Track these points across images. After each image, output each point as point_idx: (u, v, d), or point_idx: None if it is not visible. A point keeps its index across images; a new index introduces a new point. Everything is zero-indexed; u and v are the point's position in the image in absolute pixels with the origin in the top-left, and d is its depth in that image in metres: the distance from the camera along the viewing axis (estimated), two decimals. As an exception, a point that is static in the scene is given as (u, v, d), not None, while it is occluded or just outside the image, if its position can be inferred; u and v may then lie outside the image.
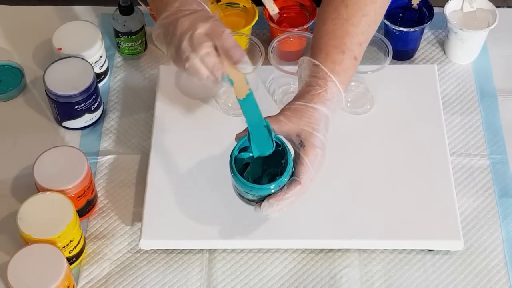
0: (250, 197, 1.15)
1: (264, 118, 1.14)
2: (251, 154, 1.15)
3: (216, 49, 1.12)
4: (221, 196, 1.27)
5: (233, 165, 1.13)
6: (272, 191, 1.12)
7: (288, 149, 1.13)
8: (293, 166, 1.13)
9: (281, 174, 1.12)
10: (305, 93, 1.17)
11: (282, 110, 1.16)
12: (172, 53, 1.14)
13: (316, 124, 1.14)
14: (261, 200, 1.13)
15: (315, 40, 1.21)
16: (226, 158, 1.15)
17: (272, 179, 1.12)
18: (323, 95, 1.16)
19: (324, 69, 1.17)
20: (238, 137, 1.17)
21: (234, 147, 1.15)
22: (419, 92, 1.39)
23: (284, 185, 1.12)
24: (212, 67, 1.12)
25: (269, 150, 1.13)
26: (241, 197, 1.17)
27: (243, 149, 1.16)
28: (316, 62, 1.17)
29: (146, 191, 1.28)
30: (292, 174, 1.13)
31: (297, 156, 1.14)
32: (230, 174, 1.14)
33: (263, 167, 1.17)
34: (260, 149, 1.13)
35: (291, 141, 1.15)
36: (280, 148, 1.14)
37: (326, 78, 1.17)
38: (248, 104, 1.13)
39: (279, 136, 1.14)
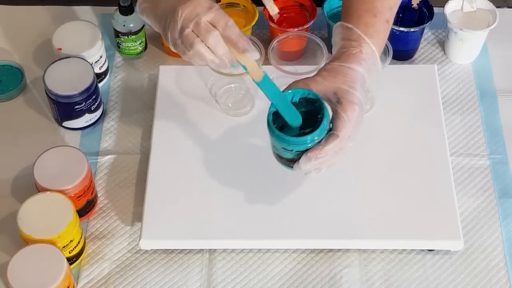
0: (288, 155, 1.13)
1: (301, 80, 1.14)
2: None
3: None
4: (221, 196, 1.27)
5: (271, 120, 1.12)
6: (309, 145, 1.11)
7: (324, 104, 1.12)
8: (331, 123, 1.12)
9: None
10: (340, 55, 1.17)
11: (319, 71, 1.16)
12: (174, 39, 1.14)
13: (353, 82, 1.14)
14: (299, 158, 1.13)
15: (345, 7, 1.22)
16: (226, 158, 1.14)
17: None
18: (358, 55, 1.16)
19: (357, 32, 1.17)
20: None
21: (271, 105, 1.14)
22: (419, 92, 1.39)
23: (322, 139, 1.11)
24: (222, 55, 1.13)
25: (298, 121, 1.13)
26: (280, 157, 1.15)
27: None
28: (349, 26, 1.18)
29: (146, 191, 1.28)
30: (330, 130, 1.12)
31: (334, 113, 1.13)
32: (268, 131, 1.12)
33: (302, 127, 1.15)
34: (290, 121, 1.13)
35: (328, 100, 1.14)
36: (316, 104, 1.13)
37: (359, 40, 1.17)
38: (266, 85, 1.13)
39: (316, 92, 1.13)
